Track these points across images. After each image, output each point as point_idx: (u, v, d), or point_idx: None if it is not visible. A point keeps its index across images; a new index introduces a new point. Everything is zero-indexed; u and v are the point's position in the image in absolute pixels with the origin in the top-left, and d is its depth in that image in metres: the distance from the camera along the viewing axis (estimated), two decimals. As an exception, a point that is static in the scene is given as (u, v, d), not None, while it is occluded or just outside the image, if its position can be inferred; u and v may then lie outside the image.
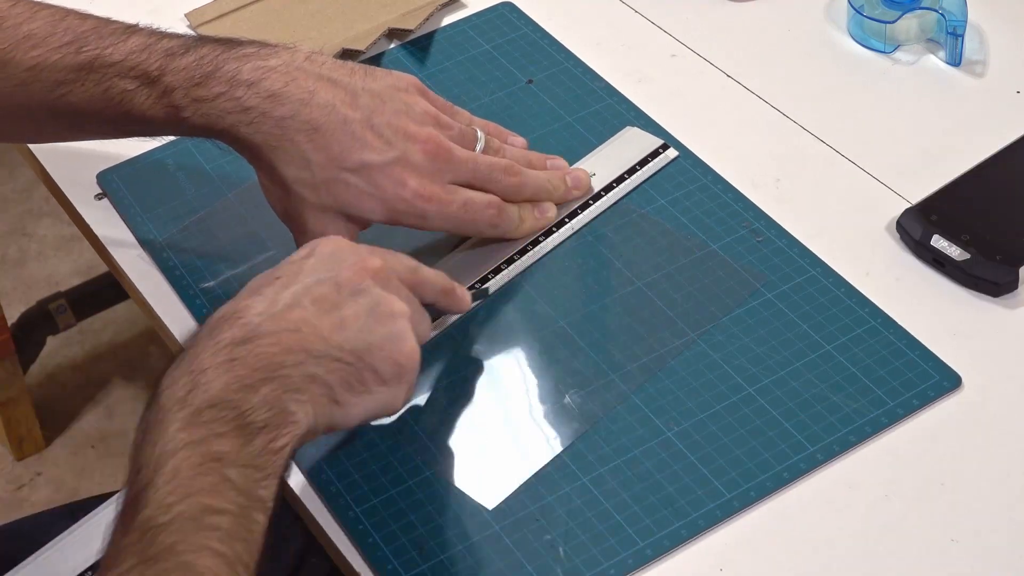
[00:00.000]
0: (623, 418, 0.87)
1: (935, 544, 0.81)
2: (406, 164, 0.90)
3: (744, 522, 0.83)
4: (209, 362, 0.73)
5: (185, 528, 0.68)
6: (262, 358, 0.73)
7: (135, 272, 1.00)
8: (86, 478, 1.87)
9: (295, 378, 0.74)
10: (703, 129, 1.06)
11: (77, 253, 2.13)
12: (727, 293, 0.94)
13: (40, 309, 1.92)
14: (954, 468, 0.85)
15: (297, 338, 0.75)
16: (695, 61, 1.13)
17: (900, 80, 1.10)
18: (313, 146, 0.88)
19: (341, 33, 1.15)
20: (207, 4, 1.20)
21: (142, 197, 1.03)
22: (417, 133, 0.91)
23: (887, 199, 1.00)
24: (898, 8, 1.09)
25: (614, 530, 0.82)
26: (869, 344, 0.91)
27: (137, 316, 1.98)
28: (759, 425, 0.87)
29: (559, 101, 1.09)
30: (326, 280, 0.78)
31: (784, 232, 0.98)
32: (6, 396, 1.83)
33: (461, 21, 1.17)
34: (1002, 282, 0.93)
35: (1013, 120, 1.05)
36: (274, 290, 0.77)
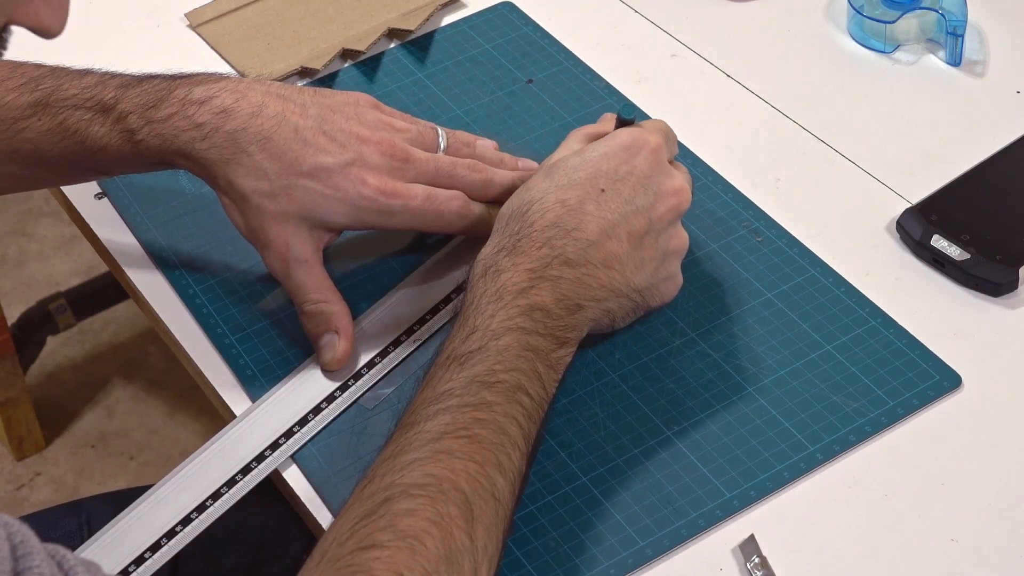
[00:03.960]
0: (623, 418, 0.88)
1: (935, 544, 0.81)
2: (363, 164, 0.89)
3: (744, 522, 0.83)
4: (543, 271, 0.83)
5: (504, 394, 0.78)
6: (580, 286, 0.83)
7: (135, 272, 1.00)
8: (86, 478, 1.87)
9: (597, 310, 0.85)
10: (703, 129, 1.06)
11: (77, 253, 2.13)
12: (727, 293, 0.94)
13: (40, 309, 1.92)
14: (954, 468, 0.85)
15: (608, 276, 0.85)
16: (695, 61, 1.13)
17: (900, 80, 1.10)
18: (267, 155, 0.88)
19: (341, 33, 1.15)
20: (207, 4, 1.20)
21: (142, 197, 1.03)
22: (370, 136, 0.91)
23: (887, 199, 1.00)
24: (898, 8, 1.09)
25: (614, 530, 0.82)
26: (869, 344, 0.91)
27: (137, 316, 1.98)
28: (759, 425, 0.87)
29: (559, 101, 1.09)
30: (642, 211, 0.86)
31: (784, 232, 0.98)
32: (6, 396, 1.83)
33: (461, 21, 1.17)
34: (1002, 282, 0.93)
35: (1013, 120, 1.05)
36: (599, 208, 0.85)
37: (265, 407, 0.89)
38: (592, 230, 0.84)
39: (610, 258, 0.85)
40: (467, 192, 0.93)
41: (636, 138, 0.88)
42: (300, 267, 0.90)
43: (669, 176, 0.88)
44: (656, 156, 0.88)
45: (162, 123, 0.90)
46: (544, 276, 0.83)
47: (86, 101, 0.91)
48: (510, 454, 0.77)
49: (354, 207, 0.89)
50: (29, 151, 0.92)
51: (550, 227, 0.84)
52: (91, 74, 0.93)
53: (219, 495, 0.85)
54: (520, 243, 0.84)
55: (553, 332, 0.82)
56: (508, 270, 0.83)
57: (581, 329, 0.84)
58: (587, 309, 0.84)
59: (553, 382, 0.82)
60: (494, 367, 0.79)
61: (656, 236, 0.87)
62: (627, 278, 0.85)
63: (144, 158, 0.91)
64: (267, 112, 0.89)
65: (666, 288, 0.89)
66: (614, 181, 0.86)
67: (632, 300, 0.87)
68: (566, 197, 0.85)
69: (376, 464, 0.76)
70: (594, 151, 0.88)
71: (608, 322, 0.87)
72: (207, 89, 0.90)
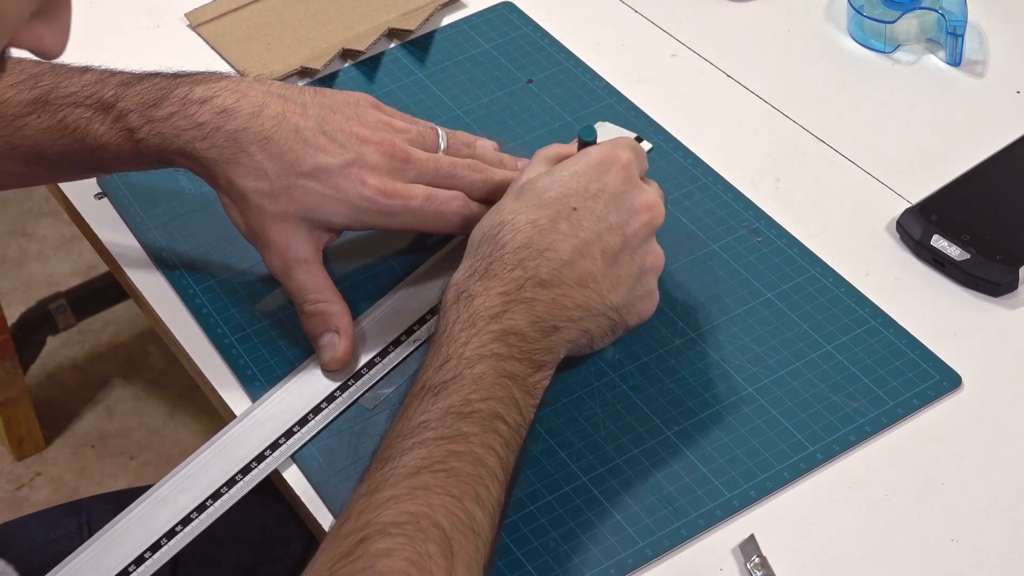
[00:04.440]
0: (623, 418, 0.88)
1: (935, 544, 0.81)
2: (363, 165, 0.89)
3: (744, 522, 0.83)
4: (516, 294, 0.81)
5: (481, 424, 0.76)
6: (555, 307, 0.82)
7: (135, 272, 1.00)
8: (86, 478, 1.87)
9: (573, 331, 0.83)
10: (703, 129, 1.06)
11: (77, 253, 2.13)
12: (727, 293, 0.94)
13: (40, 309, 1.92)
14: (954, 468, 0.85)
15: (583, 296, 0.83)
16: (695, 61, 1.13)
17: (900, 80, 1.10)
18: (267, 155, 0.88)
19: (341, 33, 1.15)
20: (207, 4, 1.20)
21: (142, 196, 1.03)
22: (371, 136, 0.91)
23: (887, 199, 1.00)
24: (898, 8, 1.09)
25: (614, 530, 0.82)
26: (869, 344, 0.91)
27: (137, 316, 1.98)
28: (759, 425, 0.87)
29: (559, 101, 1.09)
30: (616, 228, 0.85)
31: (784, 232, 0.98)
32: (6, 396, 1.83)
33: (461, 21, 1.17)
34: (1002, 282, 0.93)
35: (1013, 120, 1.05)
36: (571, 227, 0.84)
37: (265, 407, 0.89)
38: (565, 249, 0.83)
39: (585, 277, 0.83)
40: (467, 192, 0.93)
41: (606, 155, 0.87)
42: (300, 267, 0.90)
43: (642, 192, 0.87)
44: (627, 172, 0.86)
45: (162, 122, 0.90)
46: (518, 299, 0.81)
47: (86, 99, 0.91)
48: (488, 485, 0.75)
49: (354, 207, 0.89)
50: (28, 148, 0.92)
51: (522, 248, 0.83)
52: (91, 71, 0.93)
53: (219, 495, 0.85)
54: (492, 266, 0.82)
55: (529, 356, 0.80)
56: (480, 295, 0.81)
57: (558, 352, 0.83)
58: (563, 330, 0.82)
59: (531, 407, 0.80)
60: (469, 396, 0.77)
61: (631, 253, 0.85)
62: (603, 297, 0.84)
63: (144, 156, 0.92)
64: (268, 112, 0.89)
65: (643, 306, 0.87)
66: (585, 199, 0.85)
67: (609, 319, 0.85)
68: (537, 217, 0.84)
69: (352, 501, 0.74)
70: (564, 170, 0.86)
71: (586, 343, 0.85)
72: (208, 88, 0.90)
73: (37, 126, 0.92)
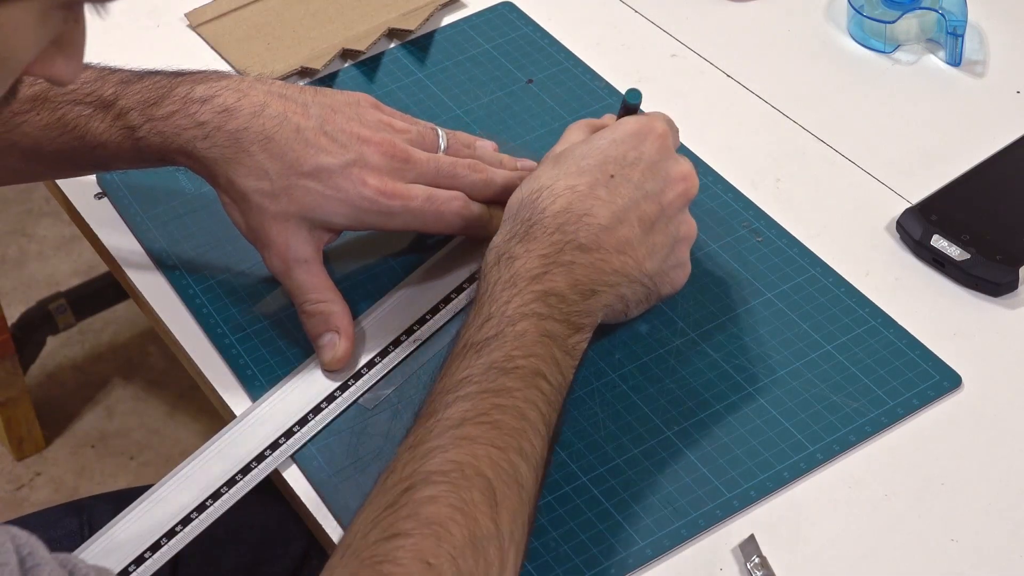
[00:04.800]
0: (623, 418, 0.87)
1: (935, 544, 0.81)
2: (364, 165, 0.89)
3: (744, 522, 0.83)
4: (556, 257, 0.82)
5: (523, 380, 0.77)
6: (594, 271, 0.83)
7: (135, 271, 1.00)
8: (86, 478, 1.87)
9: (610, 295, 0.84)
10: (703, 129, 1.06)
11: (77, 253, 2.13)
12: (727, 293, 0.94)
13: (40, 309, 1.92)
14: (954, 468, 0.85)
15: (621, 261, 0.84)
16: (695, 61, 1.13)
17: (900, 80, 1.10)
18: (268, 155, 0.88)
19: (341, 33, 1.15)
20: (207, 4, 1.20)
21: (142, 196, 1.03)
22: (371, 136, 0.91)
23: (887, 199, 1.00)
24: (898, 8, 1.09)
25: (614, 530, 0.82)
26: (869, 344, 0.91)
27: (137, 316, 1.98)
28: (759, 425, 0.87)
29: (559, 101, 1.09)
30: (653, 197, 0.86)
31: (784, 232, 0.98)
32: (6, 396, 1.83)
33: (461, 21, 1.17)
34: (1002, 282, 0.93)
35: (1013, 120, 1.05)
36: (609, 194, 0.85)
37: (265, 407, 0.89)
38: (604, 215, 0.84)
39: (623, 243, 0.84)
40: (467, 192, 0.93)
41: (643, 124, 0.88)
42: (300, 267, 0.90)
43: (677, 162, 0.88)
44: (663, 142, 0.88)
45: (163, 121, 0.89)
46: (557, 261, 0.82)
47: (85, 96, 0.91)
48: (531, 440, 0.76)
49: (354, 207, 0.89)
50: (28, 145, 0.92)
51: (562, 213, 0.84)
52: (90, 69, 0.93)
53: (219, 495, 0.85)
54: (532, 229, 0.83)
55: (568, 318, 0.81)
56: (521, 256, 0.82)
57: (596, 315, 0.84)
58: (601, 294, 0.83)
59: (570, 368, 0.81)
60: (512, 353, 0.78)
61: (667, 222, 0.86)
62: (639, 263, 0.85)
63: (144, 155, 0.91)
64: (269, 112, 0.89)
65: (676, 276, 0.89)
66: (623, 167, 0.86)
67: (644, 286, 0.86)
68: (576, 183, 0.85)
69: (397, 455, 0.75)
70: (601, 139, 0.88)
71: (622, 308, 0.86)
72: (209, 87, 0.90)
73: (36, 123, 0.92)
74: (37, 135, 0.92)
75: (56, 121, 0.91)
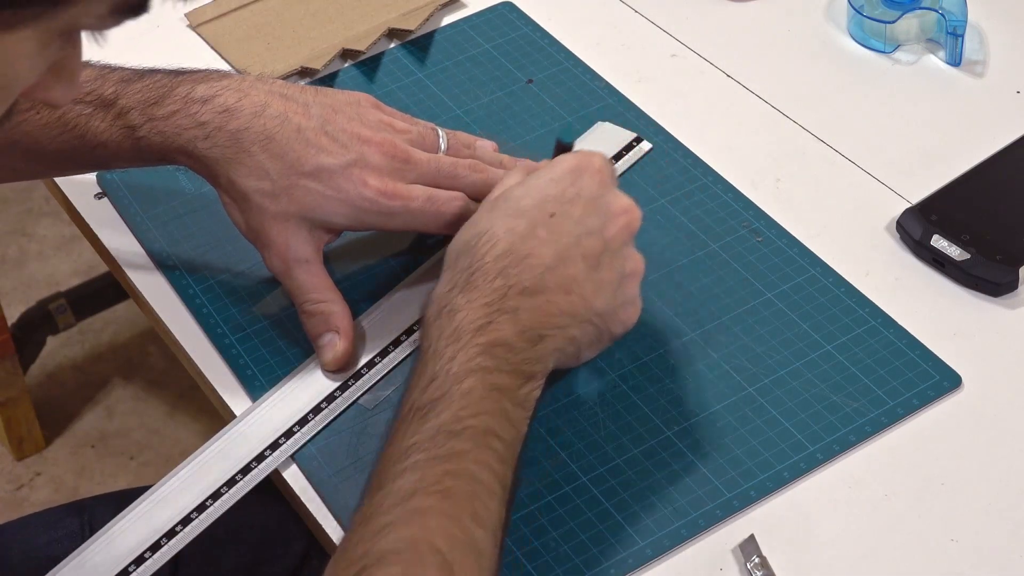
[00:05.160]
0: (623, 417, 0.88)
1: (935, 544, 0.81)
2: (364, 165, 0.89)
3: (744, 522, 0.83)
4: (500, 304, 0.79)
5: (474, 441, 0.75)
6: (541, 314, 0.80)
7: (135, 271, 1.00)
8: (86, 478, 1.87)
9: (560, 339, 0.81)
10: (703, 129, 1.06)
11: (77, 253, 2.13)
12: (727, 293, 0.94)
13: (40, 309, 1.92)
14: (954, 468, 0.85)
15: (568, 301, 0.81)
16: (695, 61, 1.13)
17: (900, 80, 1.10)
18: (268, 155, 0.88)
19: (341, 33, 1.15)
20: (207, 4, 1.20)
21: (142, 196, 1.03)
22: (372, 137, 0.91)
23: (887, 199, 1.00)
24: (898, 8, 1.09)
25: (614, 530, 0.82)
26: (869, 344, 0.91)
27: (137, 316, 1.98)
28: (759, 425, 0.87)
29: (559, 101, 1.09)
30: (595, 233, 0.83)
31: (784, 232, 0.98)
32: (6, 396, 1.83)
33: (461, 21, 1.17)
34: (1002, 282, 0.93)
35: (1013, 120, 1.05)
36: (551, 233, 0.82)
37: (265, 407, 0.89)
38: (547, 255, 0.81)
39: (568, 282, 0.81)
40: (468, 193, 0.93)
41: (580, 161, 0.85)
42: (300, 267, 0.90)
43: (617, 196, 0.85)
44: (601, 177, 0.85)
45: (164, 121, 0.89)
46: (502, 308, 0.79)
47: (86, 95, 0.91)
48: (486, 503, 0.73)
49: (355, 208, 0.89)
50: (28, 144, 0.92)
51: (503, 256, 0.81)
52: (90, 67, 0.93)
53: (219, 495, 0.85)
54: (473, 278, 0.80)
55: (518, 367, 0.78)
56: (463, 308, 0.79)
57: (546, 361, 0.81)
58: (550, 338, 0.80)
59: (523, 420, 0.79)
60: (459, 413, 0.75)
61: (612, 257, 0.83)
62: (587, 302, 0.82)
63: (144, 154, 0.92)
64: (270, 112, 0.89)
65: (627, 313, 0.85)
66: (562, 204, 0.83)
67: (595, 326, 0.83)
68: (515, 225, 0.82)
69: (351, 527, 0.73)
70: (538, 179, 0.85)
71: (573, 351, 0.83)
72: (210, 87, 0.90)
73: (36, 122, 0.92)
74: (37, 134, 0.92)
75: (56, 120, 0.91)
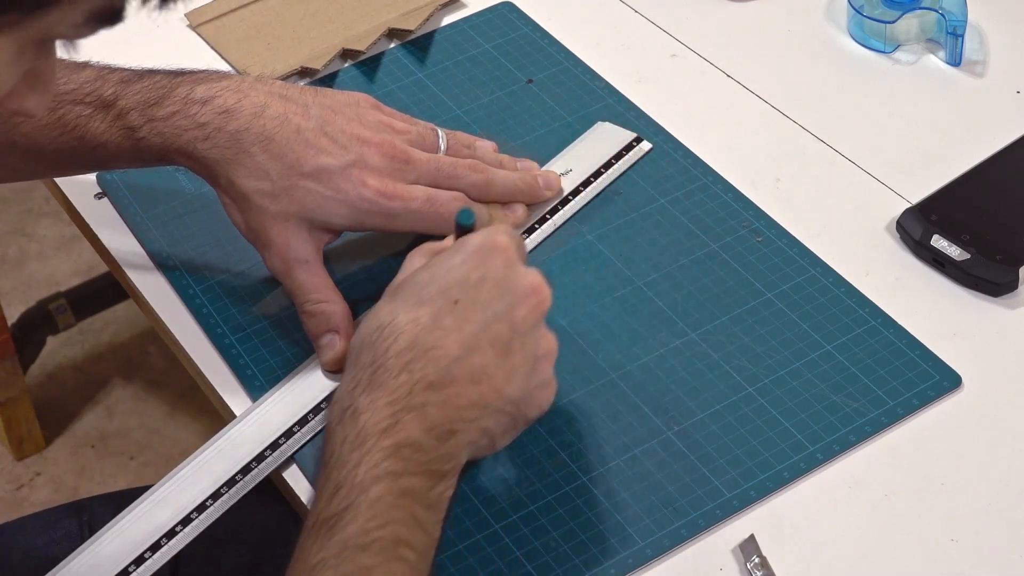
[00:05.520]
0: (623, 418, 0.87)
1: (935, 544, 0.81)
2: (364, 166, 0.89)
3: (744, 522, 0.83)
4: (406, 401, 0.75)
5: (383, 554, 0.71)
6: (450, 409, 0.76)
7: (135, 272, 1.00)
8: (86, 478, 1.87)
9: (472, 432, 0.77)
10: (703, 129, 1.06)
11: (77, 253, 2.13)
12: (727, 293, 0.94)
13: (40, 309, 1.92)
14: (954, 468, 0.85)
15: (478, 392, 0.77)
16: (695, 61, 1.13)
17: (900, 80, 1.10)
18: (268, 156, 0.88)
19: (341, 33, 1.15)
20: (207, 4, 1.20)
21: (142, 196, 1.03)
22: (371, 138, 0.90)
23: (887, 199, 1.00)
24: (898, 8, 1.09)
25: (614, 530, 0.82)
26: (869, 344, 0.91)
27: (137, 316, 1.98)
28: (759, 425, 0.87)
29: (559, 101, 1.09)
30: (503, 317, 0.78)
31: (784, 232, 0.98)
32: (6, 396, 1.83)
33: (461, 21, 1.17)
34: (1002, 282, 0.93)
35: (1013, 120, 1.05)
36: (456, 321, 0.77)
37: (265, 407, 0.89)
38: (453, 346, 0.77)
39: (477, 372, 0.77)
40: (468, 193, 0.93)
41: (483, 241, 0.80)
42: (301, 267, 0.90)
43: (524, 275, 0.80)
44: (507, 256, 0.80)
45: (164, 122, 0.90)
46: (408, 406, 0.75)
47: (85, 96, 0.91)
48: None
49: (354, 208, 0.89)
50: (27, 145, 0.92)
51: (407, 350, 0.76)
52: (89, 68, 0.93)
53: (219, 495, 0.85)
54: (376, 375, 0.76)
55: (428, 468, 0.75)
56: (367, 409, 0.75)
57: (459, 457, 0.77)
58: (461, 433, 0.76)
59: (436, 523, 0.75)
60: (367, 525, 0.72)
61: (523, 341, 0.79)
62: (499, 390, 0.78)
63: (144, 155, 0.92)
64: (269, 112, 0.89)
65: (542, 396, 0.81)
66: (467, 289, 0.78)
67: (508, 414, 0.79)
68: (418, 315, 0.78)
69: None
70: (441, 263, 0.80)
71: (487, 443, 0.79)
72: (209, 88, 0.90)
73: (36, 123, 0.92)
74: (37, 135, 0.92)
75: (56, 121, 0.91)
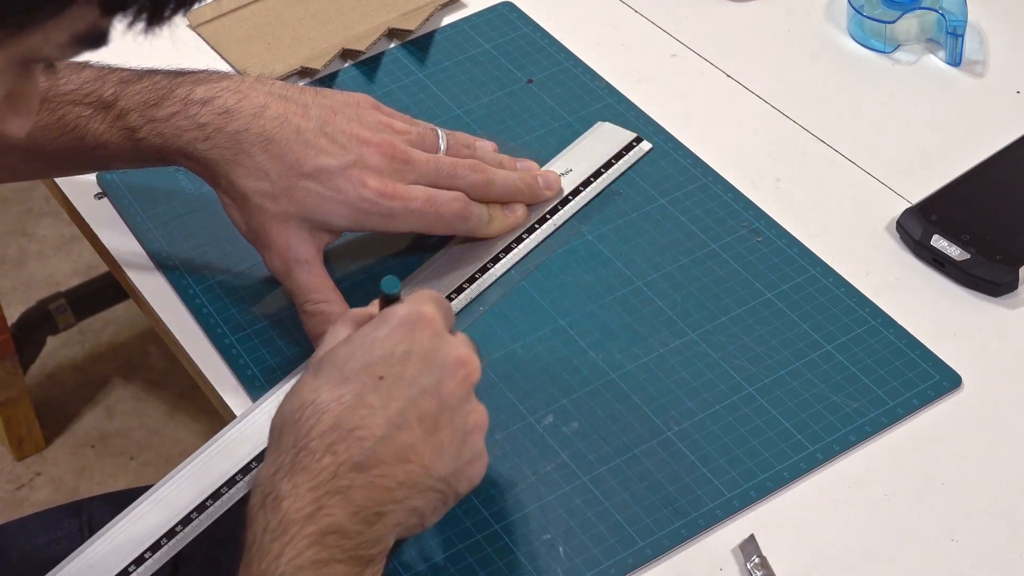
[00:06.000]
0: (623, 418, 0.88)
1: (935, 544, 0.81)
2: (364, 166, 0.89)
3: (744, 522, 0.83)
4: (330, 485, 0.72)
5: None
6: (376, 490, 0.73)
7: (135, 272, 1.00)
8: (86, 478, 1.87)
9: (401, 512, 0.74)
10: (703, 129, 1.06)
11: (77, 253, 2.13)
12: (727, 293, 0.94)
13: (40, 309, 1.92)
14: (954, 468, 0.85)
15: (405, 472, 0.74)
16: (695, 61, 1.13)
17: (900, 80, 1.10)
18: (268, 156, 0.88)
19: (341, 33, 1.15)
20: (207, 4, 1.20)
21: (142, 196, 1.03)
22: (371, 138, 0.91)
23: (887, 199, 1.00)
24: (898, 8, 1.09)
25: (614, 530, 0.82)
26: (869, 344, 0.91)
27: (137, 316, 1.98)
28: (759, 425, 0.87)
29: (559, 101, 1.09)
30: (431, 391, 0.76)
31: (784, 232, 0.98)
32: (6, 396, 1.83)
33: (461, 21, 1.17)
34: (1002, 282, 0.93)
35: (1013, 120, 1.05)
36: (381, 399, 0.75)
37: (265, 407, 0.89)
38: (378, 424, 0.74)
39: (404, 451, 0.74)
40: (468, 193, 0.93)
41: (408, 313, 0.77)
42: (301, 267, 0.90)
43: (453, 347, 0.77)
44: (433, 328, 0.77)
45: (164, 122, 0.90)
46: (332, 490, 0.72)
47: (85, 96, 0.91)
48: None
49: (354, 209, 0.89)
50: (27, 144, 0.92)
51: (330, 431, 0.73)
52: (89, 68, 0.93)
53: (219, 495, 0.85)
54: (299, 458, 0.73)
55: (354, 553, 0.72)
56: (289, 495, 0.72)
57: (387, 540, 0.74)
58: (389, 515, 0.73)
59: None
60: None
61: (451, 415, 0.76)
62: (427, 468, 0.74)
63: (144, 155, 0.92)
64: (269, 113, 0.89)
65: (473, 470, 0.78)
66: (392, 365, 0.75)
67: (438, 491, 0.76)
68: (341, 393, 0.74)
69: None
70: (364, 337, 0.77)
71: (417, 522, 0.76)
72: (209, 89, 0.90)
73: (36, 124, 0.91)
74: (37, 135, 0.92)
75: (56, 121, 0.91)
